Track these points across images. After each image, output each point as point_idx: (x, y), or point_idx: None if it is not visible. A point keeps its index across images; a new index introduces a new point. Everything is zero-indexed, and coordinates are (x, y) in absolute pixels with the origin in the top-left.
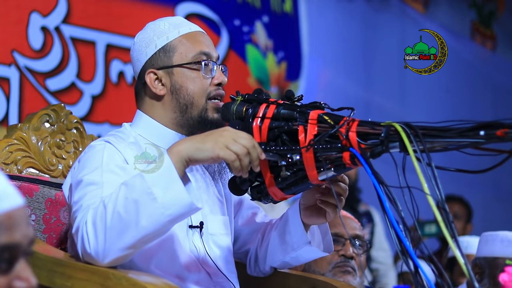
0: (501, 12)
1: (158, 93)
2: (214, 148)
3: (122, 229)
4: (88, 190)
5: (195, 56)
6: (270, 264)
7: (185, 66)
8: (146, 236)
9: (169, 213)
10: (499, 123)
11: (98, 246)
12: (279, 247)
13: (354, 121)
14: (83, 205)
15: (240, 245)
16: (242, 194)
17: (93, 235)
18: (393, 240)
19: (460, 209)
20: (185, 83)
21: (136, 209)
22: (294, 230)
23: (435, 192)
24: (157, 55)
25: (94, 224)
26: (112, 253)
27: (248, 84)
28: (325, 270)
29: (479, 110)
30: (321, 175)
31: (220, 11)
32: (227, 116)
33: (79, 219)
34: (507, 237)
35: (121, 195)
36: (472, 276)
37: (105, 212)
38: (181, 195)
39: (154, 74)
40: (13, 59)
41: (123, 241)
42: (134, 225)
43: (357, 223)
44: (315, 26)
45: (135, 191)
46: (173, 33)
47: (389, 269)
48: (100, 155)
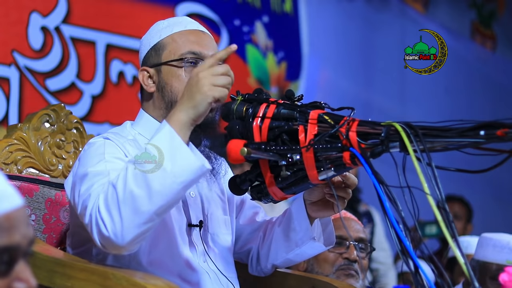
0: (501, 12)
1: (149, 90)
2: (206, 94)
3: (136, 205)
4: (96, 180)
5: (183, 54)
6: (272, 261)
7: (171, 64)
8: (161, 207)
9: (181, 180)
10: (499, 123)
11: (116, 227)
12: (283, 244)
13: (354, 121)
14: (92, 193)
15: (242, 245)
16: (242, 194)
17: (108, 217)
18: (393, 240)
19: (460, 209)
20: (170, 80)
21: (147, 182)
22: (299, 226)
23: (435, 192)
24: (149, 53)
25: (107, 206)
26: (131, 231)
27: (248, 84)
28: (328, 272)
29: (479, 110)
30: (321, 174)
31: (220, 11)
32: (227, 116)
33: (90, 207)
34: (500, 242)
35: (129, 172)
36: (472, 276)
37: (116, 192)
38: (190, 161)
39: (146, 72)
40: (13, 59)
41: (139, 216)
42: (148, 199)
43: (360, 225)
44: (315, 26)
45: (143, 165)
46: (166, 31)
47: (389, 269)
48: (102, 149)
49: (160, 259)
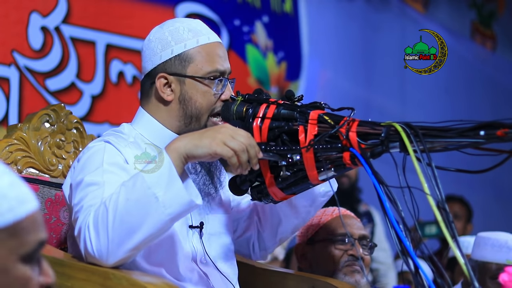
0: (501, 12)
1: (166, 98)
2: (212, 144)
3: (125, 232)
4: (89, 191)
5: (211, 72)
6: (281, 235)
7: (199, 80)
8: (149, 236)
9: (169, 211)
10: (499, 123)
11: (102, 248)
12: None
13: (354, 121)
14: (84, 206)
15: (239, 234)
16: (242, 194)
17: (95, 237)
18: (393, 240)
19: (460, 209)
20: (195, 95)
21: (138, 210)
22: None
23: (435, 192)
24: (172, 61)
25: (96, 226)
26: (116, 255)
27: (248, 84)
28: (334, 268)
29: (479, 110)
30: (321, 175)
31: (220, 11)
32: (228, 116)
33: (80, 221)
34: (498, 242)
35: (122, 196)
36: (472, 276)
37: (107, 214)
38: (180, 193)
39: (164, 79)
40: (13, 59)
41: (127, 243)
42: (137, 227)
43: (360, 223)
44: (315, 26)
45: (136, 191)
46: (191, 41)
47: (389, 269)
48: (101, 155)
49: (161, 260)
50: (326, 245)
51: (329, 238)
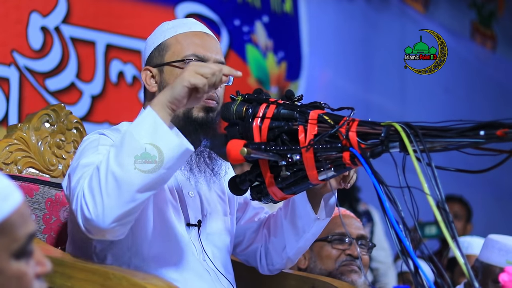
0: (501, 12)
1: (151, 90)
2: (184, 78)
3: (117, 185)
4: (86, 170)
5: (187, 56)
6: (287, 254)
7: (173, 65)
8: (143, 187)
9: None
10: (499, 123)
11: (98, 209)
12: (292, 232)
13: (354, 121)
14: (81, 180)
15: (246, 245)
16: (242, 194)
17: (91, 199)
18: (393, 240)
19: (460, 209)
20: (171, 80)
21: (128, 162)
22: (304, 211)
23: (435, 192)
24: (153, 53)
25: (90, 189)
26: (112, 212)
27: (248, 84)
28: (332, 268)
29: (479, 110)
30: (321, 175)
31: (220, 11)
32: (227, 116)
33: (77, 192)
34: (506, 246)
35: (112, 154)
36: (472, 276)
37: (98, 174)
38: (169, 137)
39: (149, 72)
40: (13, 59)
41: (121, 195)
42: (131, 179)
43: (360, 222)
44: (315, 26)
45: (125, 147)
46: (170, 32)
47: (389, 269)
48: (96, 143)
49: (159, 259)
50: (324, 245)
51: (327, 237)
